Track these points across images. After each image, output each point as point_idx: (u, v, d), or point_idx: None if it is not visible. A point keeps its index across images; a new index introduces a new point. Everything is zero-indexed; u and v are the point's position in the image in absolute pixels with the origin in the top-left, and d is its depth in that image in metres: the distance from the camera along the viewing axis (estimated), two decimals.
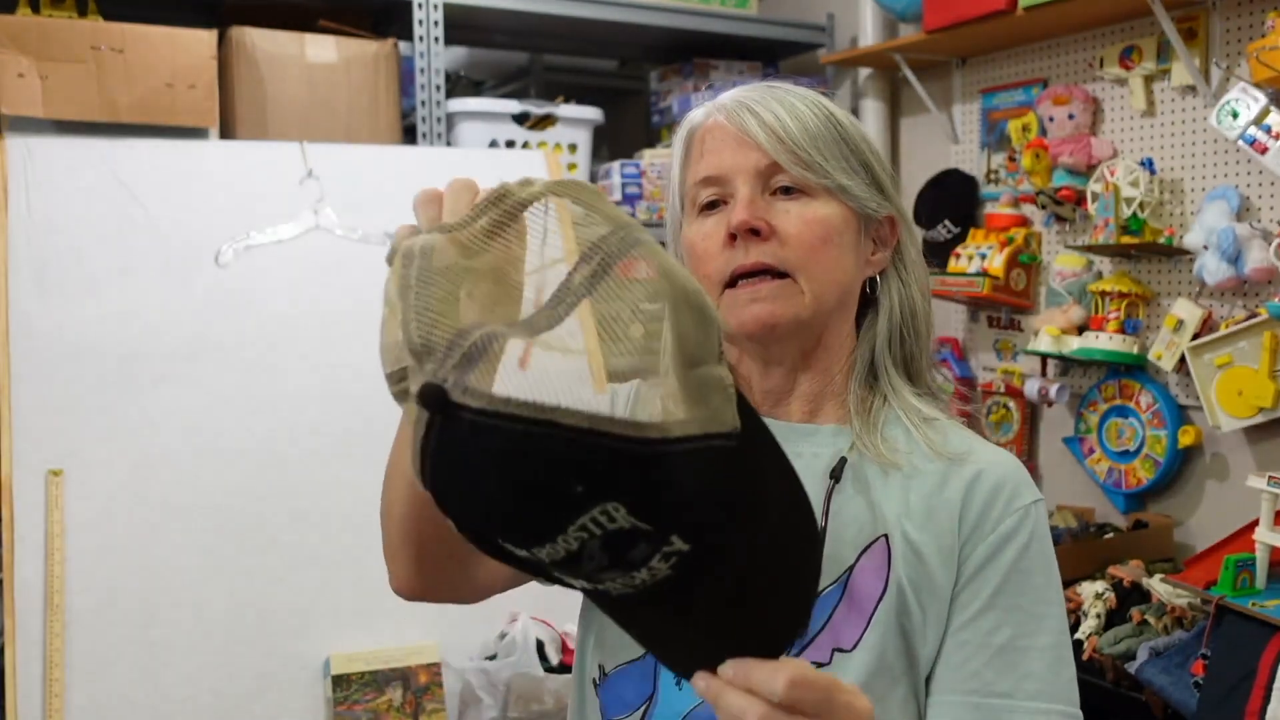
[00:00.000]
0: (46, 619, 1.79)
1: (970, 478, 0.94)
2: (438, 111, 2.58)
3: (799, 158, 0.94)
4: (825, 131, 0.96)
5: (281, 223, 2.18)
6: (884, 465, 0.96)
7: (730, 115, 0.97)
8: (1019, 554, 0.92)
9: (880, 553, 0.93)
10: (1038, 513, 0.95)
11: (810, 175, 0.95)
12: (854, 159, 0.97)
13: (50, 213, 2.03)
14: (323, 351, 2.12)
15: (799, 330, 0.96)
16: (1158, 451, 2.35)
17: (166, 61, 2.24)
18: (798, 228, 0.94)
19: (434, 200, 0.80)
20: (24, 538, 1.83)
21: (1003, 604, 0.92)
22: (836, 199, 0.96)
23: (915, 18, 2.71)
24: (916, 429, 0.97)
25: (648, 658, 0.97)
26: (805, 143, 0.94)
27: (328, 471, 2.05)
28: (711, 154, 0.97)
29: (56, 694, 1.76)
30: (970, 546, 0.93)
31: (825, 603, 0.92)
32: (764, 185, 0.95)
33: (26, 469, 1.87)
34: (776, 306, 0.94)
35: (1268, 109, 2.05)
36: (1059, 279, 2.52)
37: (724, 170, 0.96)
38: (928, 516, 0.93)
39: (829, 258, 0.95)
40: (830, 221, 0.95)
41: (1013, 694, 0.90)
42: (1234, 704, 1.68)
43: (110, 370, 1.97)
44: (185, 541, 1.92)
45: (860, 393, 1.00)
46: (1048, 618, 0.92)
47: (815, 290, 0.95)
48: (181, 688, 1.85)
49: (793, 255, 0.94)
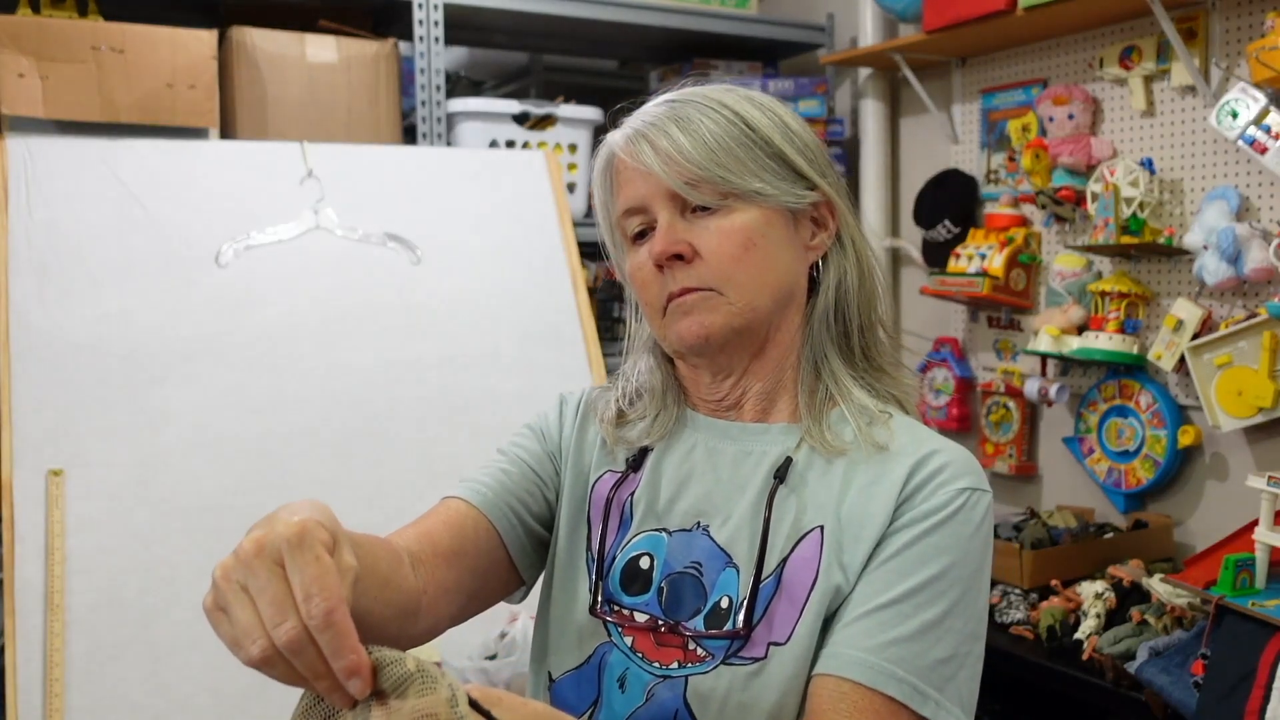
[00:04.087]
0: (46, 619, 1.79)
1: (917, 459, 0.94)
2: (438, 111, 2.58)
3: (698, 178, 0.95)
4: (727, 138, 0.95)
5: (281, 223, 2.18)
6: (830, 456, 0.97)
7: (628, 150, 0.98)
8: (934, 527, 0.91)
9: (814, 543, 0.94)
10: (973, 500, 0.93)
11: (713, 192, 0.95)
12: (764, 157, 0.97)
13: (50, 213, 2.03)
14: (323, 351, 2.12)
15: (737, 336, 0.98)
16: (1157, 451, 2.35)
17: (166, 61, 2.24)
18: (717, 241, 0.95)
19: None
20: (24, 538, 1.83)
21: (897, 568, 0.90)
22: (753, 203, 0.96)
23: (915, 18, 2.71)
24: (861, 431, 0.97)
25: (590, 664, 0.99)
26: (703, 160, 0.94)
27: (328, 471, 2.05)
28: (627, 185, 0.99)
29: (56, 694, 1.76)
30: (897, 514, 0.92)
31: (762, 596, 0.93)
32: (680, 206, 0.97)
33: (26, 469, 1.86)
34: (704, 317, 0.96)
35: (1267, 109, 2.05)
36: (1059, 279, 2.52)
37: (641, 200, 0.98)
38: (868, 496, 0.94)
39: (753, 264, 0.96)
40: (749, 228, 0.96)
41: (875, 651, 0.87)
42: (1234, 704, 1.68)
43: (110, 370, 1.97)
44: (185, 541, 1.92)
45: (809, 383, 1.01)
46: (941, 596, 0.89)
47: (743, 298, 0.96)
48: (181, 688, 1.85)
49: (714, 271, 0.95)
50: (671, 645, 0.96)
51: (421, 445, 2.12)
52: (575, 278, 2.39)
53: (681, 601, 0.97)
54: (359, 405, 2.10)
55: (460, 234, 2.33)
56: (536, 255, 2.39)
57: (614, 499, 1.03)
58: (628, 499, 1.03)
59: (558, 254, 2.40)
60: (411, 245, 2.26)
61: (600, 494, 1.05)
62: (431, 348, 2.21)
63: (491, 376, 2.23)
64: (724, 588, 0.95)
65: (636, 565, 1.00)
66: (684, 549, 0.99)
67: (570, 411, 1.11)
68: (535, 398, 2.24)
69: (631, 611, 0.98)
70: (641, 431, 1.05)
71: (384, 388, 2.14)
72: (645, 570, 0.99)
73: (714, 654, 0.93)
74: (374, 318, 2.19)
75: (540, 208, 2.44)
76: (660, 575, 0.98)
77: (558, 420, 1.11)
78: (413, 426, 2.14)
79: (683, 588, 0.97)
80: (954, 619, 0.89)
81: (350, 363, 2.13)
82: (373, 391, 2.13)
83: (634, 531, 1.02)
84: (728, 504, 0.99)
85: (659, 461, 1.04)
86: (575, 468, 1.08)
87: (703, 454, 1.02)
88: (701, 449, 1.03)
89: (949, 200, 2.80)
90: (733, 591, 0.95)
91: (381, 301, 2.20)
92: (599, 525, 1.03)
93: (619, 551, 1.02)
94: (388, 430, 2.11)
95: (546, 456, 1.09)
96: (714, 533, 0.98)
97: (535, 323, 2.32)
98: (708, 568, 0.97)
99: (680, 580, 0.98)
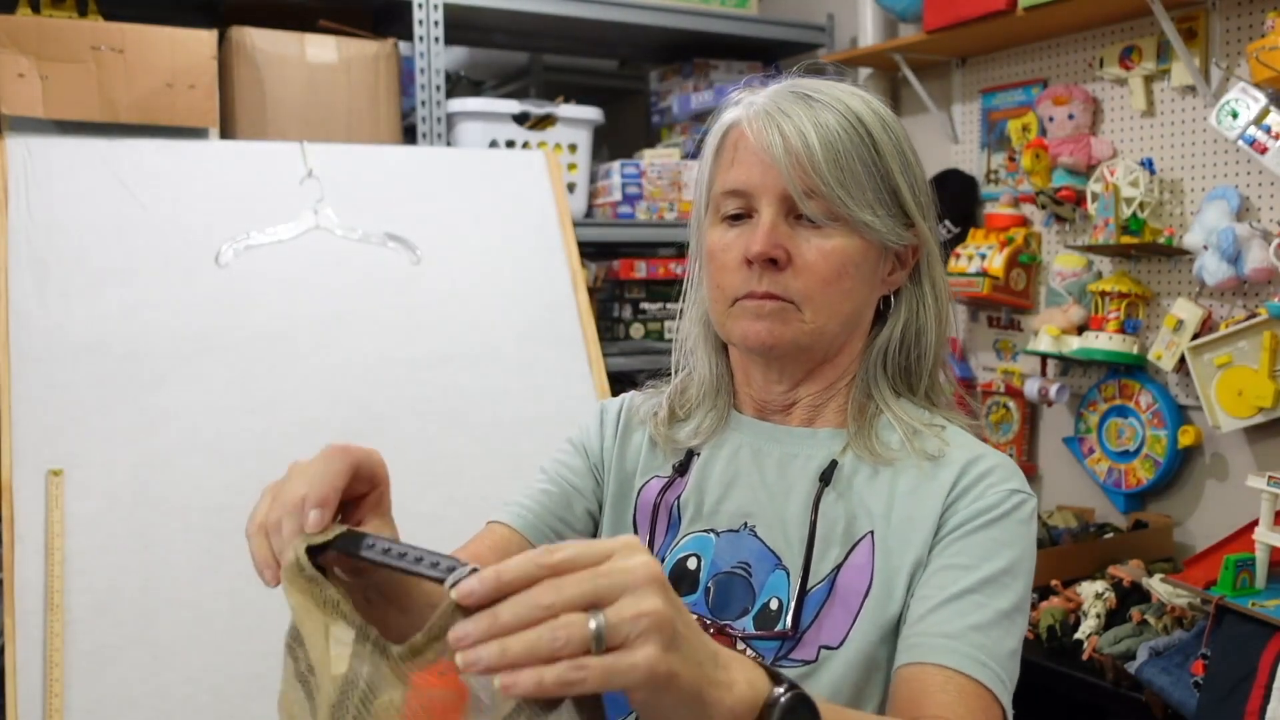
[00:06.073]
0: (46, 619, 1.79)
1: (963, 465, 0.96)
2: (438, 111, 2.58)
3: (818, 192, 0.93)
4: (854, 153, 0.94)
5: (281, 223, 2.18)
6: (876, 464, 0.97)
7: (758, 129, 0.96)
8: (992, 523, 0.93)
9: (865, 550, 0.94)
10: (1024, 501, 0.95)
11: (825, 210, 0.94)
12: (883, 187, 0.96)
13: (50, 213, 2.02)
14: (323, 351, 2.12)
15: (799, 351, 0.98)
16: (1157, 451, 2.35)
17: (166, 61, 2.24)
18: (814, 259, 0.95)
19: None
20: (24, 538, 1.83)
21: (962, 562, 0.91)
22: (857, 233, 0.96)
23: (915, 18, 2.71)
24: (908, 440, 0.98)
25: None
26: (829, 174, 0.93)
27: None
28: (740, 167, 0.97)
29: (56, 694, 1.76)
30: (949, 512, 0.93)
31: (813, 601, 0.94)
32: (787, 209, 0.96)
33: (26, 469, 1.86)
34: (775, 326, 0.96)
35: (1267, 109, 2.05)
36: (1059, 279, 2.52)
37: (751, 188, 0.97)
38: (916, 499, 0.94)
39: (840, 290, 0.96)
40: (847, 254, 0.96)
41: (957, 637, 0.88)
42: (1234, 704, 1.68)
43: (111, 370, 1.97)
44: (185, 541, 1.92)
45: (860, 400, 1.02)
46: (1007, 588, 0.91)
47: (818, 321, 0.96)
48: (181, 687, 1.85)
49: (803, 287, 0.95)
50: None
51: (422, 445, 2.12)
52: (575, 278, 2.39)
53: (729, 602, 0.97)
54: (359, 405, 2.10)
55: (460, 234, 2.33)
56: (536, 255, 2.39)
57: (661, 503, 1.04)
58: (675, 501, 1.04)
59: (558, 254, 2.40)
60: (411, 245, 2.26)
61: (647, 499, 1.06)
62: (431, 347, 2.21)
63: (491, 376, 2.23)
64: (774, 589, 0.96)
65: (684, 566, 1.00)
66: (732, 549, 0.99)
67: (611, 420, 1.12)
68: (535, 397, 2.25)
69: None
70: (689, 433, 1.06)
71: (384, 387, 2.14)
72: (693, 571, 1.00)
73: (763, 655, 0.94)
74: (374, 317, 2.19)
75: (540, 208, 2.44)
76: (707, 575, 0.99)
77: (598, 431, 1.11)
78: (413, 426, 2.14)
79: (731, 588, 0.97)
80: (1019, 614, 0.92)
81: (350, 362, 2.12)
82: (373, 391, 2.13)
83: (682, 533, 1.02)
84: (775, 506, 0.99)
85: (706, 463, 1.04)
86: (619, 476, 1.08)
87: (748, 456, 1.03)
88: (747, 450, 1.03)
89: (949, 200, 2.80)
90: (782, 593, 0.95)
91: (381, 301, 2.20)
92: (646, 529, 1.04)
93: (668, 553, 1.02)
94: (388, 430, 2.10)
95: (589, 471, 1.09)
96: (761, 534, 0.98)
97: (535, 323, 2.32)
98: (757, 569, 0.97)
99: (728, 581, 0.98)
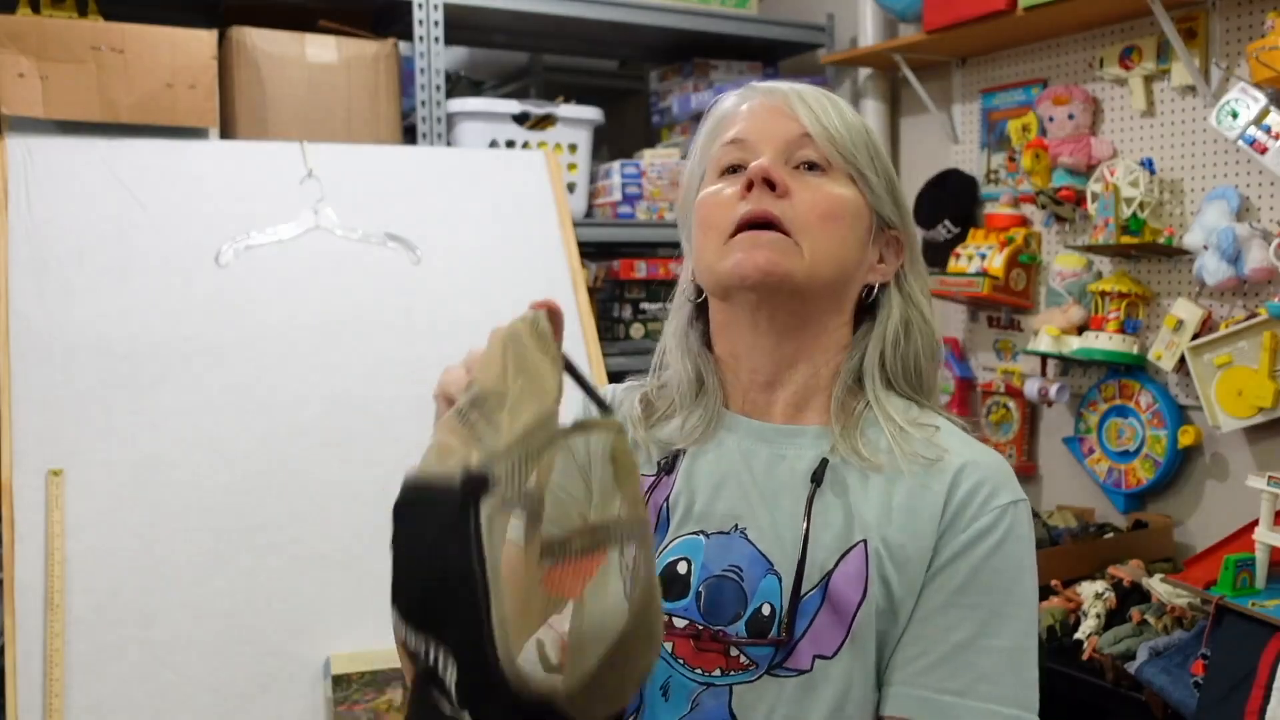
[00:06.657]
0: (46, 619, 1.79)
1: (953, 475, 0.94)
2: (438, 111, 2.58)
3: (831, 136, 0.98)
4: (861, 131, 1.01)
5: (281, 223, 2.18)
6: (864, 469, 0.96)
7: (772, 94, 1.02)
8: (990, 552, 0.92)
9: (858, 559, 0.93)
10: (1016, 513, 0.94)
11: (837, 154, 0.98)
12: (879, 165, 1.02)
13: (50, 213, 2.02)
14: (323, 351, 2.12)
15: (792, 293, 0.96)
16: (1157, 451, 2.35)
17: (166, 61, 2.24)
18: (813, 195, 0.97)
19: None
20: (24, 538, 1.83)
21: (966, 601, 0.91)
22: (855, 186, 0.99)
23: (915, 18, 2.71)
24: (894, 438, 0.96)
25: None
26: (841, 128, 0.99)
27: (328, 471, 2.04)
28: (744, 121, 1.01)
29: (56, 694, 1.76)
30: (944, 540, 0.93)
31: (807, 608, 0.92)
32: (789, 158, 0.99)
33: (26, 469, 1.86)
34: (774, 254, 0.95)
35: (1267, 109, 2.05)
36: (1059, 279, 2.52)
37: (753, 136, 1.00)
38: (910, 517, 0.93)
39: (835, 232, 0.97)
40: (844, 201, 0.98)
41: (965, 693, 0.89)
42: (1234, 704, 1.68)
43: (110, 370, 1.97)
44: (185, 541, 1.92)
45: (843, 397, 1.00)
46: (1012, 618, 0.92)
47: (814, 256, 0.96)
48: (181, 688, 1.85)
49: (799, 217, 0.96)
50: (712, 651, 0.94)
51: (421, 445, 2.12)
52: (575, 278, 2.38)
53: (721, 607, 0.95)
54: (359, 405, 2.10)
55: (460, 234, 2.33)
56: (536, 255, 2.39)
57: (648, 503, 1.01)
58: (663, 503, 1.01)
59: (558, 254, 2.40)
60: (411, 245, 2.26)
61: None
62: (431, 348, 2.21)
63: None
64: (765, 594, 0.94)
65: (674, 570, 0.98)
66: (722, 552, 0.96)
67: None
68: None
69: (670, 616, 0.96)
70: (673, 431, 1.03)
71: (384, 387, 2.13)
72: (683, 575, 0.97)
73: (757, 662, 0.92)
74: (374, 318, 2.19)
75: (540, 208, 2.44)
76: (698, 579, 0.96)
77: None
78: (413, 426, 2.13)
79: (722, 592, 0.95)
80: (1027, 639, 0.92)
81: (350, 363, 2.12)
82: (373, 391, 2.13)
83: (671, 535, 0.99)
84: (765, 508, 0.97)
85: (693, 463, 1.01)
86: None
87: (737, 455, 1.00)
88: (735, 450, 1.00)
89: (949, 200, 2.80)
90: (774, 599, 0.93)
91: (381, 301, 2.20)
92: None
93: (657, 556, 0.99)
94: (388, 430, 2.10)
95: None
96: (752, 536, 0.96)
97: None
98: (748, 573, 0.95)
99: (719, 584, 0.96)
